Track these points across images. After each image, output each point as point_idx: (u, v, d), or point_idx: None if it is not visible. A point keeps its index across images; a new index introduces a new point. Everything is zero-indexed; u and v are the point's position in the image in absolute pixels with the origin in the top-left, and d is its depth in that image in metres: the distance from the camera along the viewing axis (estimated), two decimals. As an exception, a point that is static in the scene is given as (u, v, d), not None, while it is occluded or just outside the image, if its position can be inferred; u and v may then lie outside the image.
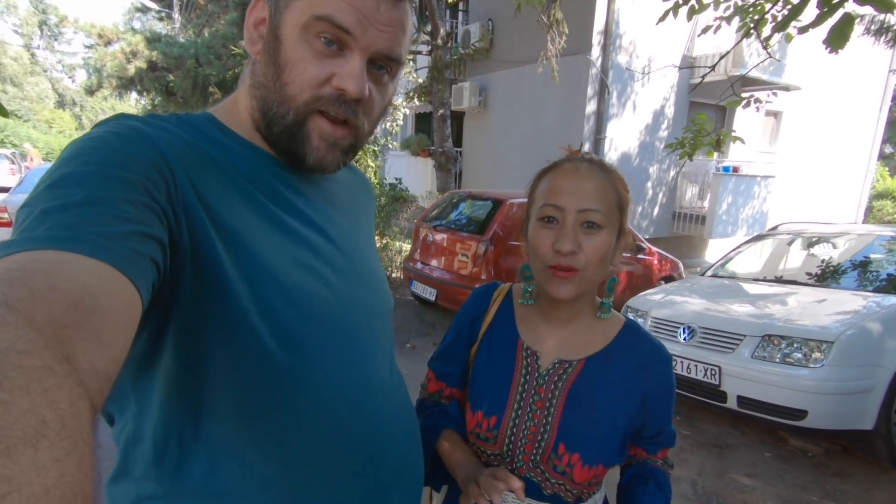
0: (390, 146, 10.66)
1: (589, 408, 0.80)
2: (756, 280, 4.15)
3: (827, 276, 3.84)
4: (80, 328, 0.33)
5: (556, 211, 0.77)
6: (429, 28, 7.36)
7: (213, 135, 0.59)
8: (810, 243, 4.38)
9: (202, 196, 0.52)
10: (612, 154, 7.93)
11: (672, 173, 8.63)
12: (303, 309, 0.57)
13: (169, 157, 0.49)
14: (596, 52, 7.42)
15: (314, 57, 0.56)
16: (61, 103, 37.92)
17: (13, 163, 14.88)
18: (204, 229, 0.51)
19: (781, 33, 2.99)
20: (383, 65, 0.61)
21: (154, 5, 19.37)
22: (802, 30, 2.52)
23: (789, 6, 2.68)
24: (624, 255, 0.81)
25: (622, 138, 7.99)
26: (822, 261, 4.05)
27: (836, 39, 1.98)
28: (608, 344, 0.84)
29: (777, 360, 2.92)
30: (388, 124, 9.66)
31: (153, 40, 13.75)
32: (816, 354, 2.82)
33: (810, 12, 2.43)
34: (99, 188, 0.42)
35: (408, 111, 11.54)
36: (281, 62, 0.57)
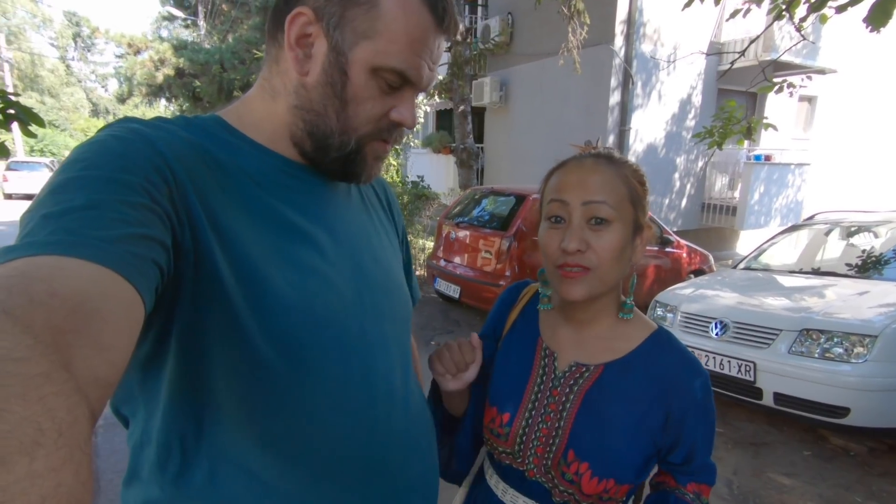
0: (412, 144, 10.70)
1: (604, 417, 0.76)
2: (792, 272, 3.98)
3: (868, 266, 3.67)
4: (79, 334, 0.33)
5: (562, 206, 0.75)
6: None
7: (221, 136, 0.58)
8: (850, 233, 4.20)
9: (203, 197, 0.51)
10: (637, 146, 7.76)
11: (700, 163, 8.40)
12: (303, 314, 0.56)
13: (170, 158, 0.49)
14: (619, 41, 7.26)
15: (379, 95, 0.60)
16: (95, 112, 39.45)
17: (52, 171, 15.52)
18: (203, 231, 0.50)
19: (816, 14, 2.87)
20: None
21: (180, 13, 19.89)
22: (840, 9, 2.40)
23: (824, -15, 2.56)
24: (651, 248, 0.78)
25: (648, 129, 7.82)
26: (863, 251, 3.87)
27: (878, 17, 1.89)
28: (630, 351, 0.79)
29: (816, 355, 2.81)
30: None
31: (180, 47, 14.17)
32: (859, 349, 2.70)
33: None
34: (99, 192, 0.42)
35: (428, 108, 11.55)
36: (347, 97, 0.59)
